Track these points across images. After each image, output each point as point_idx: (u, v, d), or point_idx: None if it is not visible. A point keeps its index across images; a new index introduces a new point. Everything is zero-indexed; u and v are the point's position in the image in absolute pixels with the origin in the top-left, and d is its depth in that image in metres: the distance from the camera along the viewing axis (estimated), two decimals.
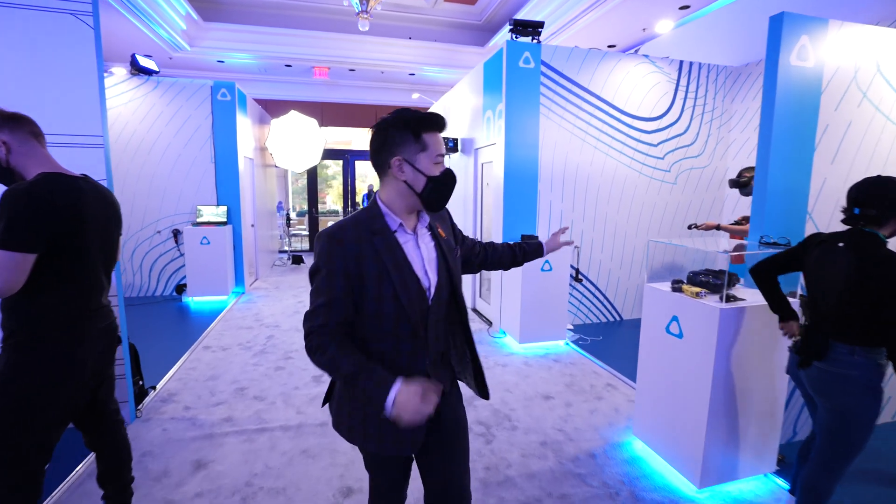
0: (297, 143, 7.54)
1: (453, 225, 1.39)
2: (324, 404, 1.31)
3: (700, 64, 4.76)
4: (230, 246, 5.71)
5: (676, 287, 2.29)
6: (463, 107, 5.49)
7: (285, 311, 5.18)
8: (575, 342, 4.18)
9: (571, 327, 4.55)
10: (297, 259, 8.32)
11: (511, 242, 1.60)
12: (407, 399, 0.97)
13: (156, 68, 5.56)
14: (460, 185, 5.62)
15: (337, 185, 10.55)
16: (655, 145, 4.70)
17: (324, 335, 1.05)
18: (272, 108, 8.94)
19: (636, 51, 4.49)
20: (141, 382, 2.84)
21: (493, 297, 4.70)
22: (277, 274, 7.52)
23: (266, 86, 9.09)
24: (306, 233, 10.37)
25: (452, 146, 5.50)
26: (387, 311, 1.10)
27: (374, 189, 10.79)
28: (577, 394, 3.15)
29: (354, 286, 1.08)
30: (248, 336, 4.29)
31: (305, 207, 11.52)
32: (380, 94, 9.70)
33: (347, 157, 10.16)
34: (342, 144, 11.31)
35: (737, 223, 3.79)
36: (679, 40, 4.62)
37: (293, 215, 12.98)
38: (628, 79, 4.52)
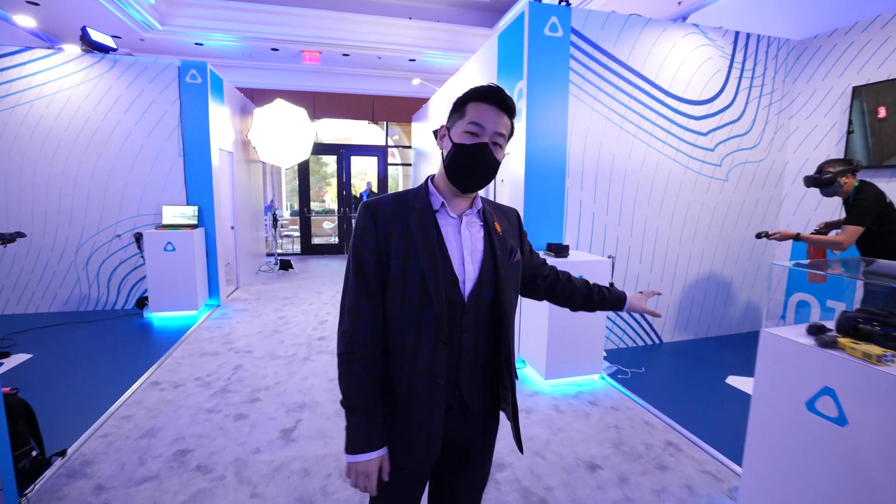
0: (284, 135, 6.74)
1: (521, 231, 1.22)
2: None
3: (759, 36, 3.96)
4: (201, 252, 4.92)
5: (827, 340, 1.49)
6: None
7: (262, 331, 4.40)
8: (612, 375, 3.40)
9: (604, 354, 3.76)
10: (285, 264, 7.53)
11: (589, 281, 1.33)
12: (366, 470, 0.97)
13: (112, 45, 4.77)
14: None
15: (334, 183, 9.79)
16: (705, 134, 3.91)
17: (354, 346, 0.98)
18: (258, 97, 8.14)
19: (684, 19, 3.68)
20: (35, 453, 2.05)
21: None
22: (262, 281, 6.74)
23: (251, 73, 8.28)
24: (298, 234, 9.58)
25: None
26: (411, 294, 0.98)
27: (373, 188, 9.98)
28: (632, 460, 2.36)
29: (382, 264, 0.99)
30: (211, 366, 3.50)
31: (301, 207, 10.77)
32: (377, 83, 8.90)
33: (342, 153, 9.37)
34: (342, 140, 10.53)
35: (818, 232, 3.00)
36: (731, 7, 3.86)
37: (286, 214, 12.24)
38: (674, 53, 3.72)
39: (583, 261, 3.18)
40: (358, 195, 10.24)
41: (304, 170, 9.09)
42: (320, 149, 9.62)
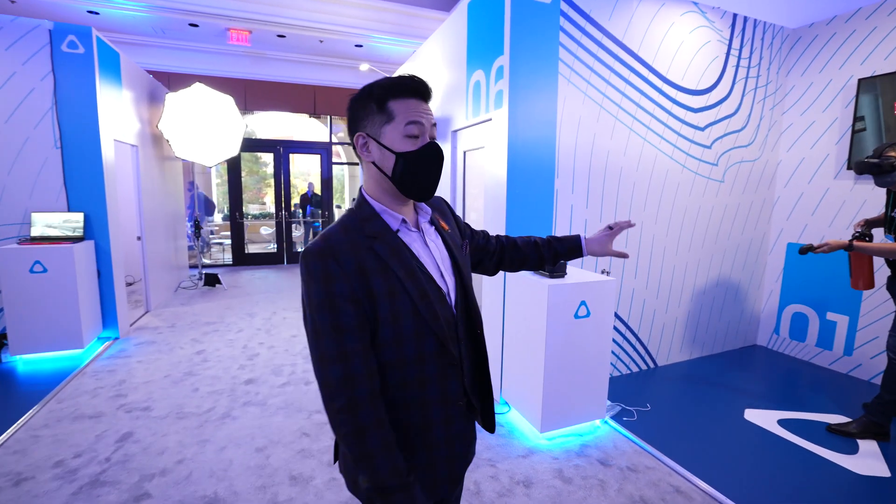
0: (205, 127, 5.65)
1: (455, 217, 1.14)
2: (335, 461, 1.03)
3: (756, 21, 3.56)
4: (89, 271, 3.82)
5: None
6: (432, 74, 3.97)
7: (171, 374, 3.41)
8: (615, 417, 2.80)
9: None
10: (210, 279, 6.39)
11: (536, 237, 1.27)
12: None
13: None
14: None
15: (274, 184, 8.67)
16: (702, 129, 3.43)
17: (354, 390, 0.83)
18: (176, 82, 6.92)
19: None
20: None
21: (487, 339, 3.21)
22: (182, 301, 5.60)
23: (166, 53, 7.03)
24: (228, 242, 8.38)
25: None
26: (406, 331, 0.88)
27: (316, 190, 8.99)
28: None
29: (366, 310, 0.85)
30: (86, 438, 2.51)
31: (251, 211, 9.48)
32: (320, 72, 7.93)
33: (280, 150, 8.28)
34: (284, 136, 9.40)
35: (861, 236, 2.55)
36: None
37: (218, 219, 10.87)
38: (672, 33, 3.20)
39: (584, 282, 2.55)
40: (299, 199, 9.20)
41: (234, 168, 7.92)
42: (255, 145, 8.49)
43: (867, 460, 2.39)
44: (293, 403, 2.98)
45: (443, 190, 3.82)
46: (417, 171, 0.88)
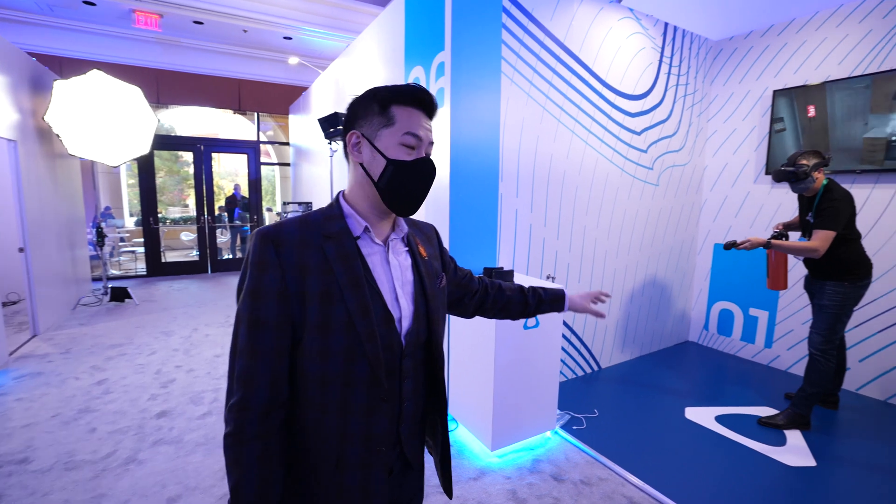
0: (105, 120, 4.96)
1: (442, 248, 1.08)
2: None
3: (684, 31, 3.69)
4: None
5: None
6: (367, 70, 3.73)
7: (61, 414, 2.88)
8: (566, 427, 2.74)
9: None
10: (118, 293, 5.65)
11: (520, 284, 1.24)
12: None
13: None
14: None
15: (195, 185, 7.87)
16: (639, 133, 3.50)
17: (244, 424, 0.77)
18: (70, 69, 6.05)
19: (619, 0, 3.20)
20: None
21: None
22: (81, 320, 4.87)
23: (57, 35, 6.12)
24: (142, 250, 7.51)
25: None
26: (335, 345, 0.80)
27: (242, 192, 8.34)
28: None
29: (292, 309, 0.79)
30: None
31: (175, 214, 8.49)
32: (245, 65, 7.33)
33: (200, 148, 7.56)
34: (209, 134, 8.61)
35: (778, 235, 2.68)
36: None
37: (130, 224, 9.76)
38: (611, 38, 3.22)
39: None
40: (225, 202, 8.49)
41: (147, 168, 7.10)
42: (172, 142, 7.69)
43: (795, 451, 2.51)
44: (215, 437, 2.61)
45: None
46: (405, 183, 0.84)
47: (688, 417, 2.88)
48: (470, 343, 2.55)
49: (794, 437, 2.65)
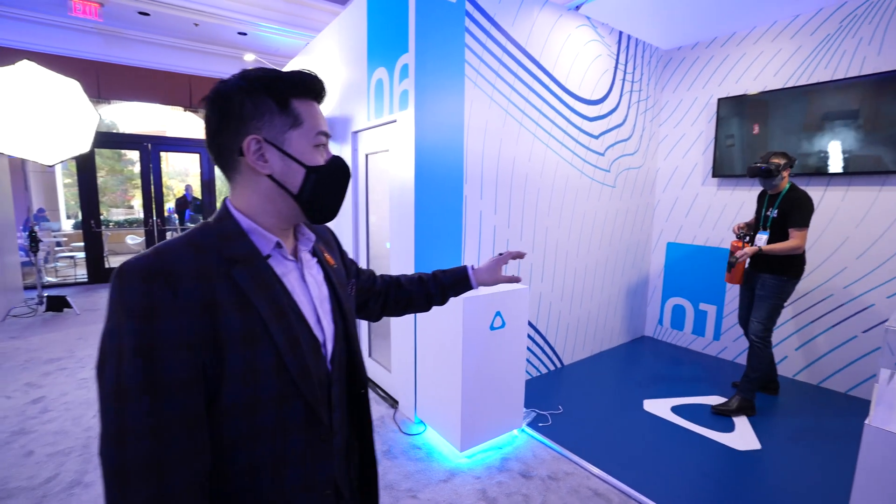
0: (37, 115, 4.59)
1: (342, 251, 0.96)
2: None
3: (637, 40, 3.86)
4: None
5: None
6: (327, 69, 3.66)
7: None
8: (532, 424, 2.80)
9: None
10: (56, 303, 5.23)
11: (419, 274, 1.12)
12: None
13: None
14: None
15: (142, 186, 7.39)
16: (597, 137, 3.63)
17: None
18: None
19: (577, 8, 3.31)
20: None
21: (395, 358, 3.01)
22: (12, 333, 4.48)
23: None
24: (82, 255, 7.01)
25: None
26: (266, 392, 0.65)
27: (195, 193, 7.97)
28: None
29: (206, 362, 0.61)
30: None
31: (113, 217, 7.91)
32: (197, 61, 6.99)
33: (147, 146, 7.14)
34: (156, 131, 8.15)
35: (744, 236, 2.92)
36: (609, 5, 3.67)
37: (68, 227, 9.08)
38: (570, 44, 3.32)
39: (498, 292, 2.49)
40: (175, 203, 8.07)
41: (87, 167, 6.63)
42: (116, 140, 7.23)
43: (742, 436, 2.68)
44: None
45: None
46: (328, 189, 0.74)
47: (646, 409, 3.01)
48: (437, 345, 2.55)
49: (742, 422, 2.83)
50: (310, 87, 0.71)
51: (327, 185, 0.73)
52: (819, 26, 3.22)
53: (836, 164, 3.15)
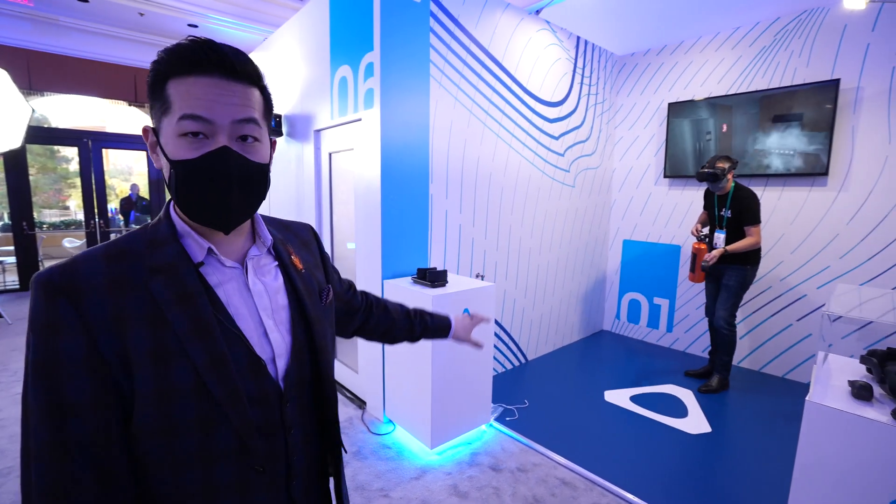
0: None
1: (324, 254, 0.87)
2: None
3: (594, 45, 4.01)
4: None
5: None
6: (288, 66, 3.57)
7: None
8: (499, 419, 2.85)
9: None
10: None
11: (403, 306, 1.08)
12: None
13: None
14: (291, 192, 3.68)
15: (83, 185, 6.85)
16: (556, 138, 3.74)
17: None
18: None
19: (537, 13, 3.40)
20: None
21: (362, 358, 2.99)
22: None
23: None
24: (13, 260, 6.45)
25: (274, 125, 3.55)
26: (182, 416, 0.59)
27: (141, 193, 7.53)
28: None
29: (115, 380, 0.57)
30: None
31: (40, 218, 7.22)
32: (144, 52, 6.59)
33: (88, 143, 6.67)
34: (92, 126, 7.57)
35: (705, 238, 3.15)
36: (567, 10, 3.81)
37: None
38: (530, 48, 3.40)
39: (466, 289, 2.52)
40: (119, 203, 7.59)
41: (16, 165, 6.10)
42: (50, 136, 6.70)
43: (694, 421, 2.85)
44: None
45: (306, 195, 3.46)
46: (197, 189, 0.61)
47: (607, 400, 3.14)
48: (405, 344, 2.55)
49: (694, 408, 3.01)
50: (186, 58, 0.58)
51: (190, 184, 0.61)
52: (756, 38, 3.48)
53: (773, 167, 3.41)
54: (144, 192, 7.51)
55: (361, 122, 2.70)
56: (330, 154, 3.27)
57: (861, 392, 1.23)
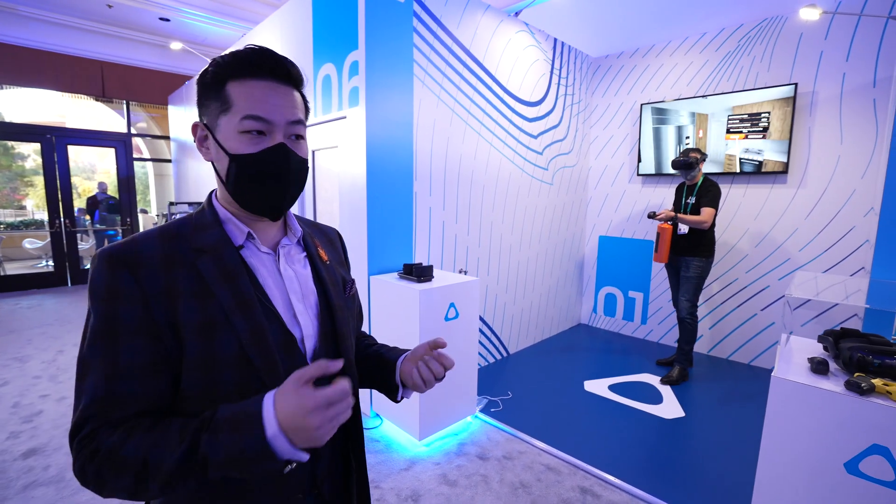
0: None
1: (346, 258, 0.93)
2: None
3: (570, 47, 4.14)
4: None
5: (858, 382, 1.22)
6: None
7: None
8: (485, 410, 2.93)
9: None
10: None
11: (377, 345, 0.96)
12: (299, 401, 0.55)
13: None
14: None
15: (41, 184, 6.56)
16: (535, 137, 3.85)
17: (101, 431, 0.58)
18: None
19: (517, 14, 3.49)
20: None
21: None
22: None
23: None
24: None
25: None
26: (224, 384, 0.64)
27: (109, 191, 7.28)
28: None
29: (168, 347, 0.62)
30: None
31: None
32: (112, 46, 6.38)
33: (51, 139, 6.40)
34: (53, 121, 7.29)
35: (668, 218, 3.28)
36: (545, 13, 3.94)
37: None
38: (510, 49, 3.49)
39: (451, 284, 2.58)
40: (85, 203, 7.31)
41: None
42: (9, 131, 6.39)
43: (669, 406, 3.00)
44: None
45: None
46: (255, 181, 0.68)
47: (587, 390, 3.27)
48: (394, 338, 2.59)
49: (668, 395, 3.16)
50: (246, 63, 0.66)
51: (251, 176, 0.68)
52: (722, 44, 3.67)
53: (738, 165, 3.61)
54: (112, 190, 7.25)
55: (346, 120, 2.72)
56: (313, 151, 3.27)
57: (819, 367, 1.36)
